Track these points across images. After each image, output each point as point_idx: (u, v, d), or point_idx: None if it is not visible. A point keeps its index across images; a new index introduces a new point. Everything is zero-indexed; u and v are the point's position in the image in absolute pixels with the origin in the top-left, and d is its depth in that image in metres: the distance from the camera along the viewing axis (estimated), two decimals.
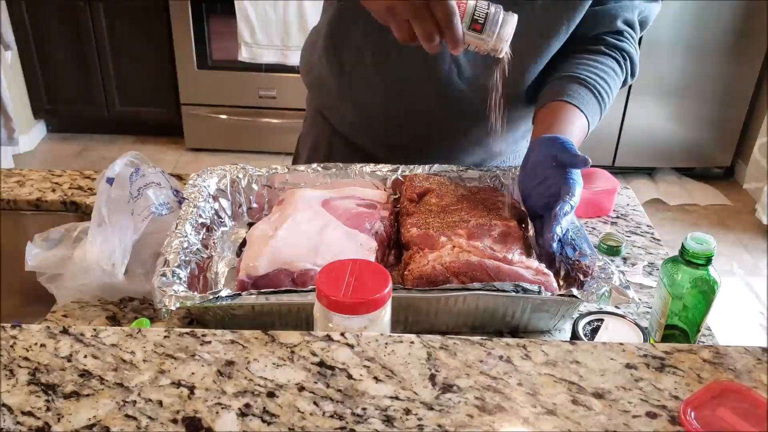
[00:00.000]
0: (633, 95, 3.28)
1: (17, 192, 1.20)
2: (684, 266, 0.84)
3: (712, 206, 3.35)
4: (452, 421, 0.62)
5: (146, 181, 1.01)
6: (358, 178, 1.13)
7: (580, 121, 1.04)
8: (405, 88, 1.13)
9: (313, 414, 0.62)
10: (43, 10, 3.38)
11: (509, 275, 0.88)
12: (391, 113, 1.17)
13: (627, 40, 1.13)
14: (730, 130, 3.42)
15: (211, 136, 3.62)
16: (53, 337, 0.70)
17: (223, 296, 0.83)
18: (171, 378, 0.65)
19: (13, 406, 0.62)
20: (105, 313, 0.95)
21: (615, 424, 0.62)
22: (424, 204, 1.04)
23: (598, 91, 1.07)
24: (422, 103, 1.14)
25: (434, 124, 1.17)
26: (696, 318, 0.86)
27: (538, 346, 0.71)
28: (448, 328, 0.92)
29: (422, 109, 1.15)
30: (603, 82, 1.08)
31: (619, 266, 1.09)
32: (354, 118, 1.23)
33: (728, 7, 3.09)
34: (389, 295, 0.74)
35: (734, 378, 0.68)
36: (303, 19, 3.18)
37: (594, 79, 1.07)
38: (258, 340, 0.70)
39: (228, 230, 1.10)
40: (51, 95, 3.61)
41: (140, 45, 3.46)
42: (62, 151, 3.66)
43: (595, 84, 1.07)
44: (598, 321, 0.88)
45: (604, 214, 1.23)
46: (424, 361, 0.68)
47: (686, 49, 3.18)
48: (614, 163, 3.45)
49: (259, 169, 1.13)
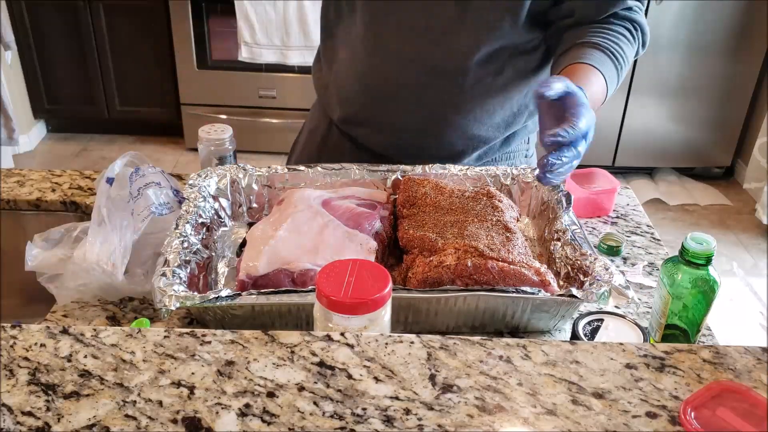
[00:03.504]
0: (633, 95, 3.28)
1: (17, 192, 1.20)
2: (684, 266, 0.84)
3: (712, 206, 3.35)
4: (452, 421, 0.62)
5: (146, 181, 1.01)
6: (358, 178, 1.13)
7: (598, 79, 1.04)
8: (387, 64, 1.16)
9: (313, 414, 0.62)
10: (43, 10, 3.38)
11: (512, 276, 0.88)
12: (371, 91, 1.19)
13: (636, 11, 1.14)
14: (730, 130, 3.42)
15: None
16: (53, 337, 0.70)
17: (223, 296, 0.83)
18: (171, 378, 0.65)
19: (13, 406, 0.62)
20: (105, 313, 0.95)
21: (615, 424, 0.62)
22: (420, 206, 1.04)
23: (613, 54, 1.07)
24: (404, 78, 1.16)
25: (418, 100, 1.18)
26: (696, 318, 0.86)
27: (538, 346, 0.71)
28: (448, 328, 0.92)
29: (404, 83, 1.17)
30: (617, 47, 1.09)
31: (619, 266, 1.09)
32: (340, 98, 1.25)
33: (728, 7, 3.09)
34: (389, 295, 0.74)
35: (734, 378, 0.68)
36: (303, 19, 3.18)
37: (608, 44, 1.08)
38: (258, 340, 0.70)
39: (228, 230, 1.10)
40: (51, 95, 3.61)
41: (140, 45, 3.46)
42: (62, 151, 3.66)
43: (610, 48, 1.08)
44: (598, 321, 0.88)
45: (604, 214, 1.23)
46: (424, 361, 0.68)
47: (686, 49, 3.18)
48: (614, 163, 3.45)
49: (259, 169, 1.13)
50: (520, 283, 0.88)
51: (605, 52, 1.07)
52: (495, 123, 1.21)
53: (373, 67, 1.17)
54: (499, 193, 1.07)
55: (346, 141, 1.29)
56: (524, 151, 1.34)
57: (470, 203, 1.04)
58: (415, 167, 1.14)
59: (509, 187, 1.14)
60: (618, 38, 1.10)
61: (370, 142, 1.25)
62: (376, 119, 1.22)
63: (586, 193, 1.20)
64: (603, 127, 3.33)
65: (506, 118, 1.21)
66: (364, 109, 1.22)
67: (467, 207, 1.03)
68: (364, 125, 1.24)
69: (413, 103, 1.17)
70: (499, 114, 1.20)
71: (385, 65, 1.16)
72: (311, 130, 1.36)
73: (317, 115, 1.36)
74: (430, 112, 1.18)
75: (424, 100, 1.17)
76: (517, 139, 1.29)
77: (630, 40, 1.12)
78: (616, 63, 1.08)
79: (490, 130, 1.21)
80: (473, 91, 1.15)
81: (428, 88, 1.15)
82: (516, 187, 1.14)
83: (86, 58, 3.49)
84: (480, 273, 0.88)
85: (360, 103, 1.22)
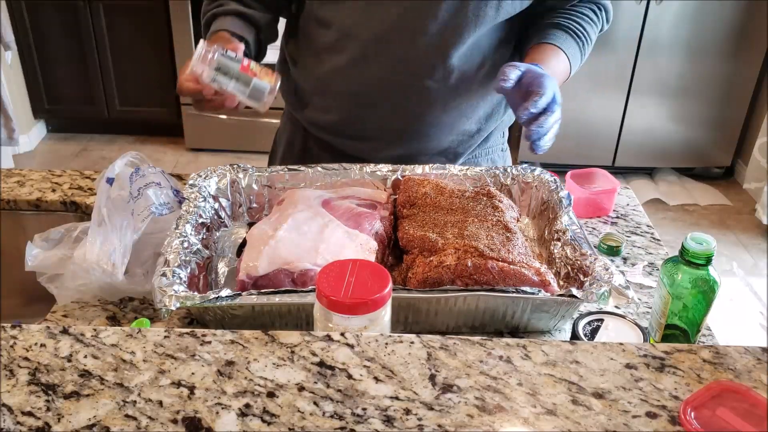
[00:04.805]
0: (633, 95, 3.28)
1: (17, 192, 1.20)
2: (684, 266, 0.84)
3: (712, 206, 3.35)
4: (452, 421, 0.62)
5: (146, 181, 1.01)
6: (358, 178, 1.13)
7: (559, 56, 1.14)
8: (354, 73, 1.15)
9: (313, 414, 0.62)
10: (43, 10, 3.38)
11: (512, 276, 0.88)
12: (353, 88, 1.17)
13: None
14: (730, 130, 3.42)
15: (211, 136, 3.62)
16: (53, 337, 0.70)
17: (223, 296, 0.83)
18: (171, 378, 0.65)
19: (13, 406, 0.62)
20: (105, 313, 0.95)
21: (615, 424, 0.62)
22: (420, 206, 1.04)
23: (576, 33, 1.17)
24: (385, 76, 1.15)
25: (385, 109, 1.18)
26: (696, 318, 0.86)
27: (538, 346, 0.71)
28: (448, 328, 0.92)
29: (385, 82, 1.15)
30: (579, 26, 1.18)
31: (619, 266, 1.09)
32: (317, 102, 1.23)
33: (728, 7, 3.09)
34: (389, 296, 0.74)
35: (734, 378, 0.68)
36: None
37: (571, 24, 1.17)
38: (258, 340, 0.70)
39: (228, 230, 1.10)
40: (51, 95, 3.61)
41: (140, 45, 3.46)
42: (62, 151, 3.66)
43: (572, 27, 1.17)
44: (598, 321, 0.88)
45: (604, 214, 1.23)
46: (424, 361, 0.68)
47: (686, 49, 3.18)
48: (614, 163, 3.45)
49: (259, 169, 1.13)
50: (520, 283, 0.88)
51: (567, 31, 1.16)
52: (478, 116, 1.22)
53: (357, 74, 1.14)
54: (499, 193, 1.07)
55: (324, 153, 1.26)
56: (501, 145, 1.36)
57: (470, 203, 1.04)
58: (415, 167, 1.14)
59: (509, 187, 1.14)
60: (581, 18, 1.19)
61: (354, 149, 1.23)
62: (360, 126, 1.20)
63: (586, 193, 1.20)
64: (603, 127, 3.33)
65: (488, 110, 1.23)
66: (349, 117, 1.20)
67: (467, 207, 1.03)
68: (346, 134, 1.22)
69: (400, 105, 1.16)
70: (482, 107, 1.21)
71: (369, 70, 1.13)
72: (287, 144, 1.33)
73: (290, 127, 1.32)
74: (417, 113, 1.17)
75: (411, 102, 1.15)
76: (495, 134, 1.31)
77: (593, 19, 1.21)
78: (578, 41, 1.17)
79: (475, 124, 1.23)
80: (458, 87, 1.15)
81: (414, 89, 1.14)
82: (516, 187, 1.14)
83: (86, 58, 3.49)
84: (480, 273, 0.88)
85: (345, 110, 1.19)
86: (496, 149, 1.34)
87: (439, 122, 1.18)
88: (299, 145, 1.30)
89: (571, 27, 1.17)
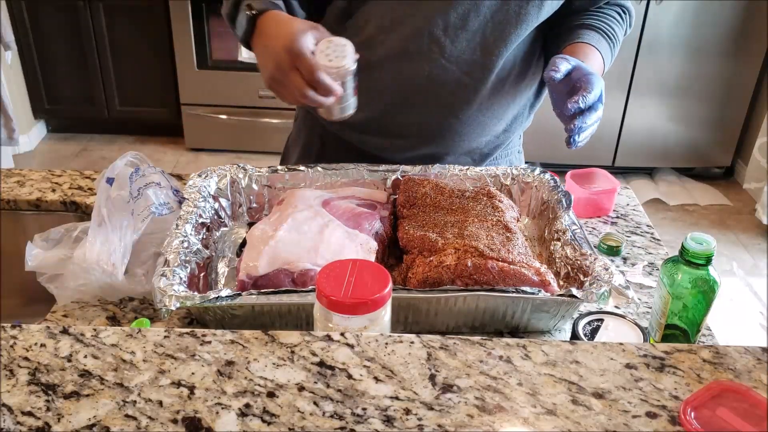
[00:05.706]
0: (633, 95, 3.28)
1: (17, 192, 1.20)
2: (684, 266, 0.84)
3: (712, 206, 3.35)
4: (452, 421, 0.62)
5: (146, 181, 1.01)
6: (358, 178, 1.13)
7: (596, 55, 1.13)
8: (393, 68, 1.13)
9: (313, 414, 0.62)
10: (43, 10, 3.38)
11: (512, 276, 0.88)
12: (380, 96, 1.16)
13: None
14: (730, 130, 3.42)
15: (211, 136, 3.62)
16: (53, 337, 0.70)
17: (223, 296, 0.83)
18: (171, 378, 0.65)
19: (13, 406, 0.62)
20: (105, 313, 0.95)
21: (615, 424, 0.62)
22: (420, 206, 1.04)
23: (607, 34, 1.17)
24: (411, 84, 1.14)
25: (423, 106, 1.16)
26: (696, 318, 0.86)
27: (538, 346, 0.71)
28: (448, 328, 0.92)
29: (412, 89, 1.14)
30: (610, 27, 1.18)
31: (619, 266, 1.09)
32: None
33: (728, 7, 3.09)
34: (389, 295, 0.74)
35: (734, 378, 0.68)
36: None
37: (602, 25, 1.17)
38: (258, 340, 0.70)
39: (228, 230, 1.10)
40: (51, 95, 3.61)
41: (140, 45, 3.46)
42: (62, 151, 3.66)
43: (604, 28, 1.17)
44: (598, 321, 0.88)
45: (604, 214, 1.23)
46: (424, 361, 0.68)
47: (686, 49, 3.18)
48: (614, 163, 3.45)
49: (259, 169, 1.13)
50: (520, 283, 0.88)
51: (599, 32, 1.16)
52: (508, 118, 1.22)
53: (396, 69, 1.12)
54: (499, 193, 1.07)
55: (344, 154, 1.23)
56: (518, 147, 1.36)
57: (470, 203, 1.04)
58: (415, 167, 1.14)
59: (509, 187, 1.14)
60: (610, 20, 1.19)
61: (379, 148, 1.21)
62: (394, 123, 1.18)
63: (586, 193, 1.20)
64: (603, 127, 3.30)
65: (515, 113, 1.23)
66: (384, 114, 1.17)
67: (467, 207, 1.03)
68: (377, 131, 1.20)
69: (438, 103, 1.14)
70: (512, 109, 1.21)
71: (410, 65, 1.11)
72: (303, 148, 1.31)
73: (305, 131, 1.30)
74: (455, 111, 1.15)
75: (450, 99, 1.14)
76: (514, 136, 1.30)
77: (620, 21, 1.21)
78: (609, 42, 1.17)
79: (504, 125, 1.23)
80: (495, 87, 1.15)
81: (453, 86, 1.13)
82: (516, 187, 1.14)
83: (86, 58, 3.49)
84: (480, 273, 0.88)
85: (380, 107, 1.16)
86: (514, 151, 1.34)
87: (475, 121, 1.18)
88: (316, 151, 1.29)
89: (602, 27, 1.17)
